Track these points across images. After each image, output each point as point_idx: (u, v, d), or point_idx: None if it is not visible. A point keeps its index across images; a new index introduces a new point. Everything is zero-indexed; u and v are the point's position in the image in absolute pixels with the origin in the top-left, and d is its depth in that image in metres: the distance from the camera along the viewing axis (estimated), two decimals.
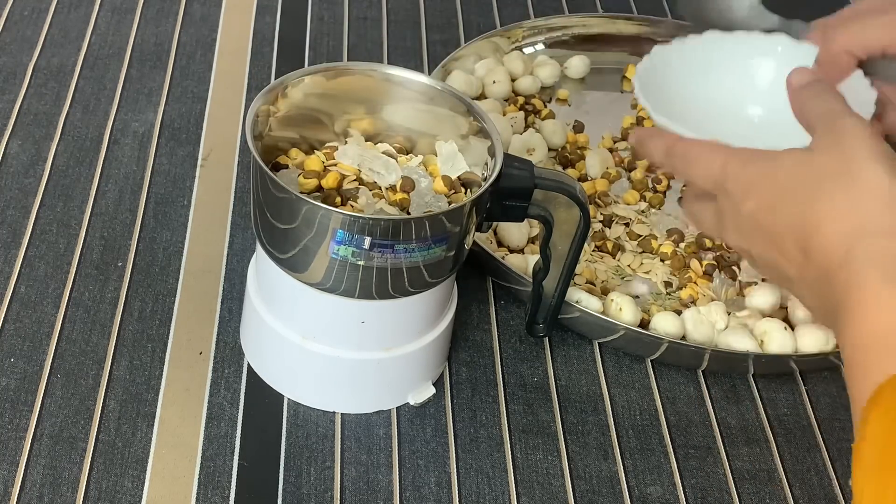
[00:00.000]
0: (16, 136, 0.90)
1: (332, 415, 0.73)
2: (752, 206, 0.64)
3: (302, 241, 0.65)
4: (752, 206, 0.64)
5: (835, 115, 0.65)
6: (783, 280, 0.64)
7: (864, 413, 0.51)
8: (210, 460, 0.70)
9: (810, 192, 0.61)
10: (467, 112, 0.71)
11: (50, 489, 0.67)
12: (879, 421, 0.50)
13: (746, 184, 0.65)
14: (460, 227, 0.66)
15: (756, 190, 0.64)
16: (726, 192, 0.66)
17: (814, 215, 0.60)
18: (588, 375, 0.79)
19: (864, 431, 0.50)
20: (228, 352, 0.76)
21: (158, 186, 0.87)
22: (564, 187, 0.69)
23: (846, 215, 0.59)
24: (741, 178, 0.65)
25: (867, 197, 0.59)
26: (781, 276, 0.64)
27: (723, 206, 0.66)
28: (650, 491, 0.72)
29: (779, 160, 0.64)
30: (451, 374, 0.77)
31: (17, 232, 0.82)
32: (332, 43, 1.05)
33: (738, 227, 0.65)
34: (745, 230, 0.65)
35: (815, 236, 0.59)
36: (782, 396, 0.80)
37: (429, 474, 0.71)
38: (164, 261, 0.82)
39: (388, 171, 0.69)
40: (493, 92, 0.98)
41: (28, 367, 0.73)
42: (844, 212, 0.59)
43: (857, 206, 0.59)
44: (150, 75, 0.98)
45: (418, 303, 0.70)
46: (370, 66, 0.72)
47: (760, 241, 0.64)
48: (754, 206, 0.64)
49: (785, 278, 0.63)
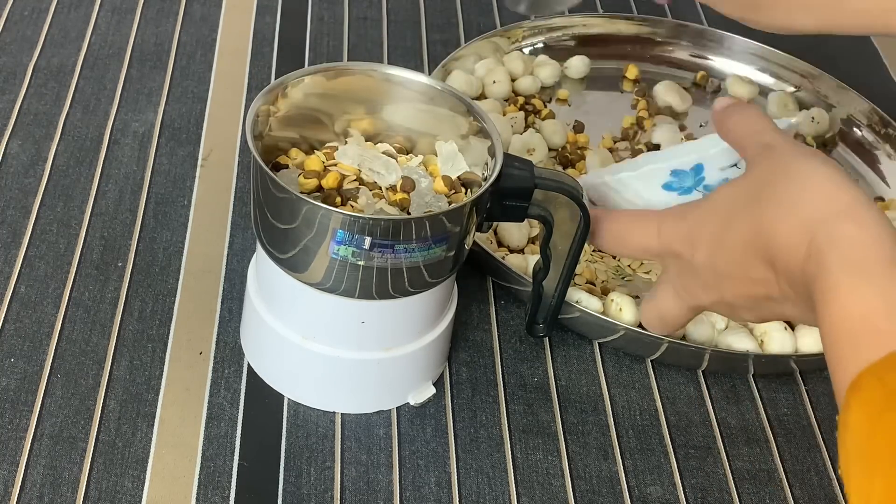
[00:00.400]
0: (16, 136, 0.90)
1: (332, 415, 0.73)
2: (704, 253, 0.62)
3: (302, 241, 0.65)
4: (704, 252, 0.62)
5: (762, 131, 0.64)
6: (770, 310, 0.62)
7: (846, 400, 0.50)
8: (210, 460, 0.70)
9: (755, 207, 0.60)
10: (467, 112, 0.71)
11: (50, 489, 0.67)
12: (861, 409, 0.49)
13: (689, 235, 0.63)
14: (460, 227, 0.66)
15: (701, 235, 0.62)
16: (673, 255, 0.64)
17: (766, 223, 0.59)
18: (588, 375, 0.79)
19: (846, 419, 0.50)
20: (228, 352, 0.76)
21: (158, 186, 0.87)
22: (564, 187, 0.69)
23: (797, 210, 0.57)
24: (682, 232, 0.63)
25: (811, 187, 0.58)
26: (765, 307, 0.62)
27: (676, 273, 0.65)
28: (650, 491, 0.72)
29: (712, 198, 0.63)
30: (451, 374, 0.77)
31: (17, 232, 0.82)
32: (332, 43, 1.05)
33: (702, 283, 0.63)
34: (710, 282, 0.63)
35: (774, 243, 0.58)
36: (782, 396, 0.80)
37: (429, 474, 0.71)
38: (164, 261, 0.82)
39: (388, 171, 0.69)
40: (493, 92, 0.98)
41: (28, 367, 0.73)
42: (794, 207, 0.58)
43: (804, 199, 0.58)
44: (150, 75, 0.98)
45: (418, 303, 0.70)
46: (370, 66, 0.72)
47: (728, 284, 0.62)
48: (706, 252, 0.62)
49: (769, 307, 0.62)
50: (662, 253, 0.65)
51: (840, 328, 0.53)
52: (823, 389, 0.80)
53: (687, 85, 1.05)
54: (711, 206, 0.63)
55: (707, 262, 0.62)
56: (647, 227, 0.66)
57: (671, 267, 0.65)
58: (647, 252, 0.66)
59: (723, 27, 1.07)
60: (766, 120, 0.66)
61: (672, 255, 0.64)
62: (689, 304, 0.66)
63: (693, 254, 0.63)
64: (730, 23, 0.85)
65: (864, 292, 0.53)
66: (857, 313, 0.52)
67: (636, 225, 0.67)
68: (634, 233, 0.67)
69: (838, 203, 0.57)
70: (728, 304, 0.64)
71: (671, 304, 0.67)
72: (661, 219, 0.66)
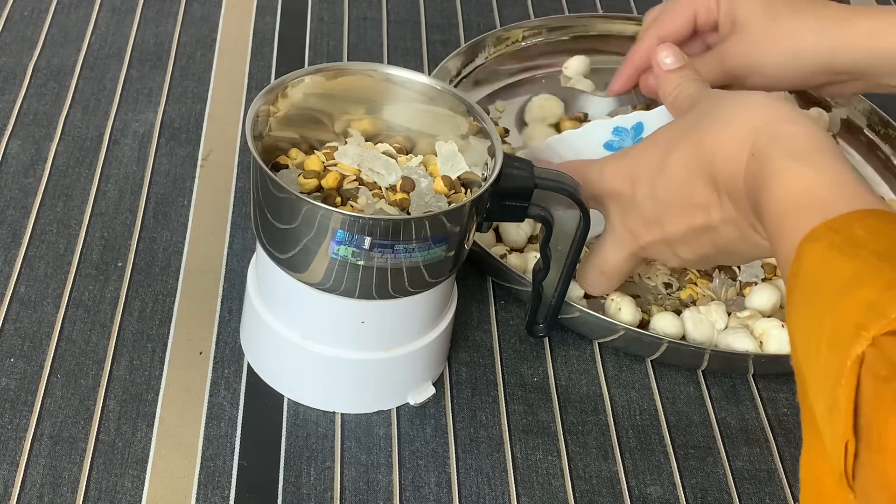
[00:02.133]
0: (16, 136, 0.90)
1: (332, 415, 0.73)
2: (645, 185, 0.64)
3: (302, 241, 0.65)
4: (645, 184, 0.64)
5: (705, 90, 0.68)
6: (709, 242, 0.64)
7: (797, 253, 0.51)
8: (210, 460, 0.70)
9: (694, 131, 0.62)
10: (467, 112, 0.71)
11: (50, 489, 0.67)
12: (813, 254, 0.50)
13: (630, 171, 0.65)
14: (460, 227, 0.66)
15: (641, 169, 0.64)
16: (614, 195, 0.66)
17: (707, 140, 0.61)
18: (588, 375, 0.79)
19: (796, 269, 0.51)
20: (228, 352, 0.76)
21: (158, 186, 0.87)
22: (564, 187, 0.68)
23: (736, 121, 0.60)
24: (623, 169, 0.65)
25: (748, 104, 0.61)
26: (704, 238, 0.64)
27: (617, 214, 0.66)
28: (650, 491, 0.72)
29: (651, 136, 0.65)
30: (451, 374, 0.77)
31: (17, 232, 0.82)
32: (332, 43, 1.05)
33: (643, 220, 0.65)
34: (650, 216, 0.64)
35: (716, 157, 0.60)
36: (782, 396, 0.80)
37: (429, 474, 0.71)
38: (164, 261, 0.82)
39: (388, 171, 0.69)
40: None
41: (28, 367, 0.73)
42: (733, 119, 0.60)
43: (742, 113, 0.60)
44: (150, 75, 0.98)
45: (418, 303, 0.70)
46: (370, 66, 0.72)
47: (669, 215, 0.64)
48: (647, 183, 0.64)
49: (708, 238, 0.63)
50: (604, 195, 0.66)
51: (784, 205, 0.55)
52: None
53: None
54: (650, 141, 0.65)
55: (648, 194, 0.64)
56: (588, 173, 0.67)
57: (612, 210, 0.66)
58: (592, 199, 0.67)
59: None
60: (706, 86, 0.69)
61: (613, 197, 0.65)
62: (629, 249, 0.67)
63: (634, 190, 0.64)
64: None
65: (805, 172, 0.55)
66: (800, 189, 0.55)
67: (577, 173, 0.68)
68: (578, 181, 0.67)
69: (775, 110, 0.60)
70: (667, 242, 0.65)
71: (611, 253, 0.68)
72: (601, 163, 0.67)
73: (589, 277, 0.72)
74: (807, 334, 0.49)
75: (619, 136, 0.74)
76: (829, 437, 0.45)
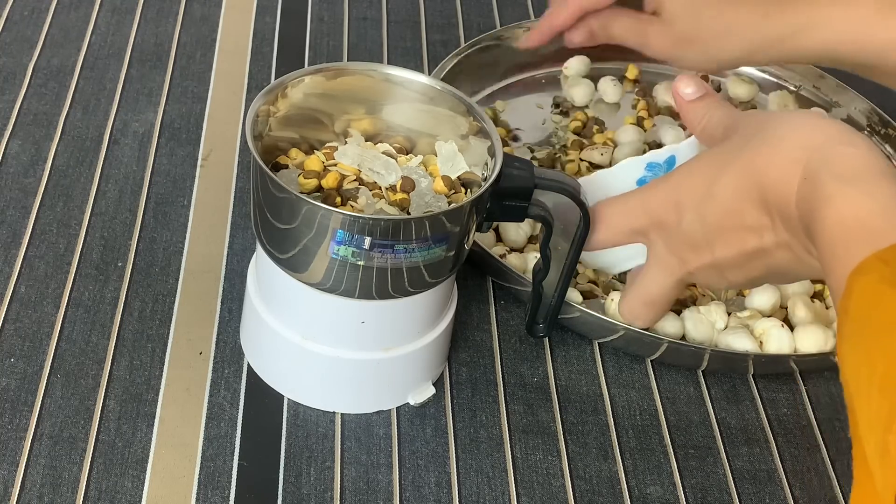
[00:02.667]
0: (16, 136, 0.90)
1: (332, 415, 0.73)
2: (692, 211, 0.62)
3: (302, 241, 0.65)
4: (692, 211, 0.62)
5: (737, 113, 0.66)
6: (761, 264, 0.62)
7: (847, 286, 0.50)
8: (210, 460, 0.70)
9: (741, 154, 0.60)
10: (467, 112, 0.71)
11: (50, 489, 0.67)
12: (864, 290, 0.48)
13: (675, 199, 0.63)
14: (460, 227, 0.66)
15: (687, 195, 0.62)
16: (659, 226, 0.64)
17: (757, 163, 0.59)
18: (588, 375, 0.79)
19: (846, 305, 0.49)
20: (228, 352, 0.76)
21: (158, 186, 0.87)
22: (564, 187, 0.69)
23: (787, 143, 0.58)
24: (667, 198, 0.63)
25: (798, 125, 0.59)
26: (756, 261, 0.62)
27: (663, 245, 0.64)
28: (650, 491, 0.72)
29: (692, 161, 0.63)
30: (451, 374, 0.77)
31: (17, 232, 0.82)
32: (332, 43, 1.05)
33: (691, 245, 0.63)
34: (699, 242, 0.62)
35: (767, 180, 0.58)
36: (782, 396, 0.80)
37: (429, 474, 0.71)
38: (164, 261, 0.82)
39: (388, 171, 0.69)
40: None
41: (28, 367, 0.73)
42: (784, 142, 0.58)
43: (793, 135, 0.58)
44: (150, 75, 0.98)
45: (418, 303, 0.70)
46: (370, 66, 0.72)
47: (719, 239, 0.62)
48: (694, 209, 0.62)
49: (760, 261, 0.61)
50: (649, 227, 0.64)
51: (836, 232, 0.53)
52: (823, 389, 0.80)
53: None
54: (693, 167, 0.63)
55: (696, 220, 0.62)
56: (631, 205, 0.65)
57: (657, 239, 0.65)
58: (635, 232, 0.66)
59: None
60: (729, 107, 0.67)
61: (658, 227, 0.64)
62: (676, 276, 0.65)
63: (680, 217, 0.62)
64: None
65: (857, 198, 0.54)
66: (851, 215, 0.53)
67: (619, 208, 0.66)
68: (619, 216, 0.66)
69: (828, 131, 0.58)
70: (717, 267, 0.63)
71: (657, 282, 0.66)
72: (643, 193, 0.65)
73: (635, 310, 0.70)
74: (857, 372, 0.47)
75: (653, 171, 0.72)
76: (881, 482, 0.44)
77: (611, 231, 0.68)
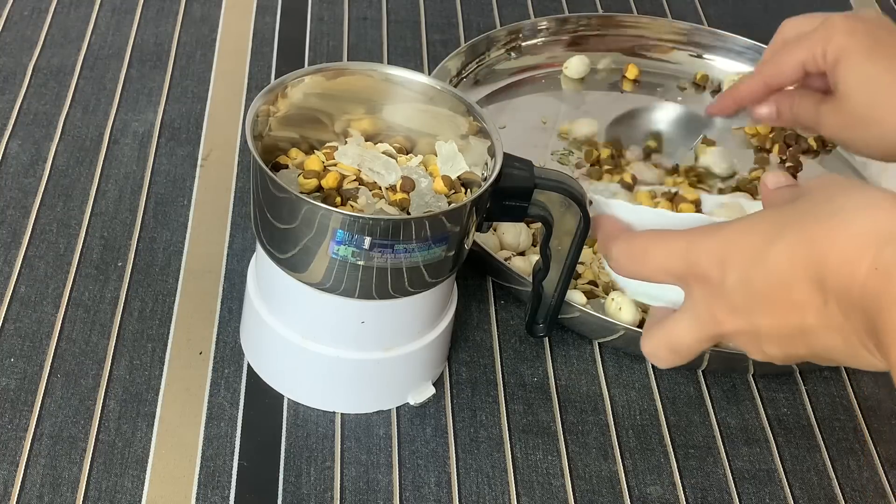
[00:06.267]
0: (16, 136, 0.90)
1: (332, 415, 0.73)
2: (738, 272, 0.56)
3: (302, 241, 0.65)
4: (738, 271, 0.56)
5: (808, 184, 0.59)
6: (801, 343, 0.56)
7: None
8: (210, 460, 0.70)
9: (804, 222, 0.54)
10: (467, 112, 0.71)
11: (50, 489, 0.67)
12: None
13: (721, 253, 0.57)
14: (460, 227, 0.66)
15: (736, 253, 0.56)
16: (699, 277, 0.58)
17: (819, 237, 0.53)
18: (588, 375, 0.79)
19: None
20: (228, 352, 0.76)
21: (158, 186, 0.87)
22: (564, 187, 0.68)
23: (856, 223, 0.52)
24: (713, 250, 0.57)
25: (869, 204, 0.53)
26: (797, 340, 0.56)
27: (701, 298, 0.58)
28: (650, 491, 0.72)
29: (750, 217, 0.58)
30: (451, 374, 0.77)
31: (17, 232, 0.82)
32: (332, 43, 1.05)
33: (730, 307, 0.57)
34: (740, 306, 0.57)
35: (828, 258, 0.53)
36: (782, 396, 0.80)
37: (429, 474, 0.71)
38: (164, 261, 0.82)
39: (388, 171, 0.69)
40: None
41: (28, 367, 0.73)
42: (853, 221, 0.52)
43: (863, 214, 0.53)
44: (150, 75, 0.98)
45: (418, 303, 0.70)
46: (370, 66, 0.72)
47: (762, 308, 0.56)
48: (741, 270, 0.56)
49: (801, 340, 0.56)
50: (686, 275, 0.59)
51: None
52: (823, 389, 0.80)
53: (686, 85, 1.05)
54: (749, 225, 0.57)
55: (741, 282, 0.56)
56: (673, 245, 0.59)
57: (696, 290, 0.59)
58: (668, 274, 0.60)
59: (723, 27, 1.07)
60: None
61: (697, 278, 0.58)
62: (708, 333, 0.59)
63: (724, 274, 0.57)
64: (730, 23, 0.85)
65: None
66: None
67: (659, 244, 0.60)
68: (656, 252, 0.60)
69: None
70: (753, 334, 0.58)
71: (687, 332, 0.60)
72: (690, 237, 0.59)
73: (658, 352, 0.63)
74: None
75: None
76: None
77: (647, 268, 0.61)
